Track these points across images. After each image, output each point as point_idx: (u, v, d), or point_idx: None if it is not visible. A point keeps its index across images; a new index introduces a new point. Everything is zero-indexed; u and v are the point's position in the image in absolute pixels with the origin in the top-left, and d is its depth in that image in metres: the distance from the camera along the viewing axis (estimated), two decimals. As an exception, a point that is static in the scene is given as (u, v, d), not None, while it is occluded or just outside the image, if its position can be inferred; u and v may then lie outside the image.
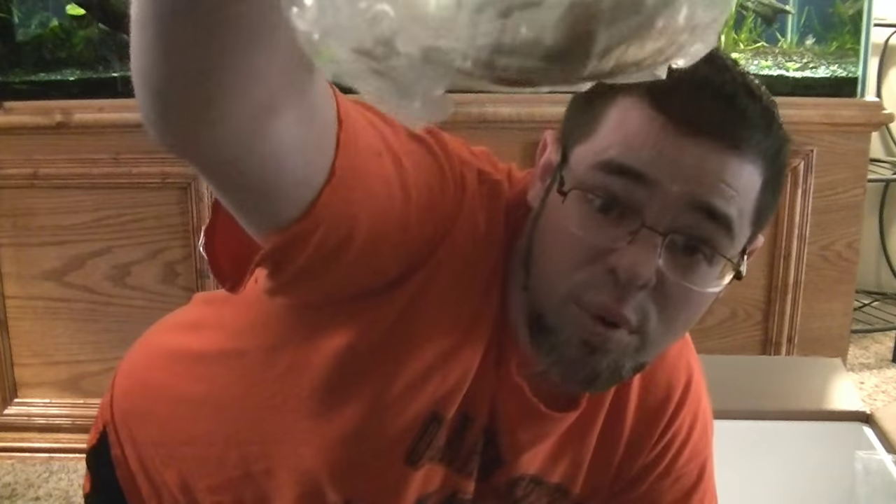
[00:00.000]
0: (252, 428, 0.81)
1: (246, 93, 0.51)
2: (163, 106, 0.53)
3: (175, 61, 0.52)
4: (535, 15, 0.33)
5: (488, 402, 0.77)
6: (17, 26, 2.15)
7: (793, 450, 1.12)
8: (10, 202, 2.09)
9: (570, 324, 0.67)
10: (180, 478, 0.87)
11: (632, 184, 0.64)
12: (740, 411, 1.15)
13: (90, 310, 2.12)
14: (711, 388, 0.89)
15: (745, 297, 2.11)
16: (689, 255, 0.66)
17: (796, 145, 2.01)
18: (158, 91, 0.53)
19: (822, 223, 2.06)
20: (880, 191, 3.16)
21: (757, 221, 0.70)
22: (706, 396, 0.87)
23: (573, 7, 0.33)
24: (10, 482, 2.11)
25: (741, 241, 0.68)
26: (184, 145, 0.55)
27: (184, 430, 0.87)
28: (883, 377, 2.68)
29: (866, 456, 1.00)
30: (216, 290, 0.82)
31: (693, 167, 0.64)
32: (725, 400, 1.17)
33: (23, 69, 2.12)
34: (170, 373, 0.90)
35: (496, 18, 0.33)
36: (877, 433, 1.10)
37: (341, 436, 0.75)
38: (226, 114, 0.52)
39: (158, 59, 0.52)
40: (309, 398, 0.75)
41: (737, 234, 0.67)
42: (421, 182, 0.66)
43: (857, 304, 2.85)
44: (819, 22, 2.15)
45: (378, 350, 0.72)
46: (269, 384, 0.78)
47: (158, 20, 0.50)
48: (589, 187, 0.66)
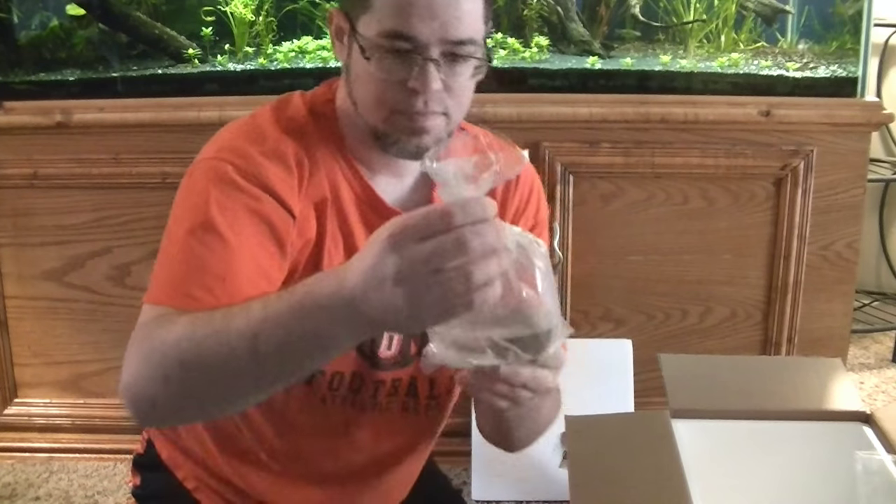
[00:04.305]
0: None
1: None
2: (158, 419, 0.99)
3: (204, 402, 0.89)
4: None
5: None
6: (17, 26, 2.15)
7: (792, 450, 1.12)
8: (10, 202, 2.09)
9: (399, 126, 1.01)
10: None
11: (407, 40, 0.97)
12: (740, 411, 1.15)
13: (90, 310, 2.12)
14: (712, 388, 0.89)
15: (745, 297, 2.11)
16: (456, 63, 1.00)
17: (796, 145, 2.01)
18: (165, 418, 0.97)
19: (822, 223, 2.06)
20: (880, 191, 3.16)
21: (487, 16, 1.02)
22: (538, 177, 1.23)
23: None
24: (10, 482, 2.11)
25: (482, 37, 1.01)
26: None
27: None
28: (883, 377, 2.68)
29: (866, 456, 1.00)
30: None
31: (438, 14, 0.96)
32: (725, 400, 1.17)
33: (23, 69, 2.12)
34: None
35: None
36: (877, 433, 1.10)
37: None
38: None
39: (185, 399, 0.88)
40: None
41: (478, 39, 1.00)
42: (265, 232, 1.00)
43: (857, 304, 2.85)
44: (819, 22, 2.15)
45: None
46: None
47: (220, 372, 0.84)
48: (382, 48, 0.98)
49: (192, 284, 0.92)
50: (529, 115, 2.00)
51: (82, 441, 2.21)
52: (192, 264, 0.94)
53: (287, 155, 1.02)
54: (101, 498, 2.05)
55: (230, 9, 2.11)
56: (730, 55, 2.14)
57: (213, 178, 0.98)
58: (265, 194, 0.99)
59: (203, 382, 0.85)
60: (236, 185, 0.98)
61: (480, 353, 0.79)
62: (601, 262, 2.09)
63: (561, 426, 1.08)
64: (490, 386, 0.87)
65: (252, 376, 0.83)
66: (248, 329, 0.81)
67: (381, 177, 1.09)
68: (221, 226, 0.95)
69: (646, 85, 2.07)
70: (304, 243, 1.03)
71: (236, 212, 0.97)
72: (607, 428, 1.07)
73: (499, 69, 2.11)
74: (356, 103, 1.04)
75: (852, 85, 2.04)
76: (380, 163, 1.08)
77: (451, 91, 1.00)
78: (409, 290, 0.72)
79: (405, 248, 0.72)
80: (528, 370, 0.85)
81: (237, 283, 0.93)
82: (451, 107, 1.02)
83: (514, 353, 0.80)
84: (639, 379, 2.04)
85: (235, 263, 0.94)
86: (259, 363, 0.82)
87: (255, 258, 0.96)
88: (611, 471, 0.99)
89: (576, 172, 2.03)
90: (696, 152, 2.02)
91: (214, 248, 0.94)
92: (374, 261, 0.74)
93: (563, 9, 2.16)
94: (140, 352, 0.87)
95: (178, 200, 1.01)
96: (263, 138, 1.03)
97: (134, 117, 1.99)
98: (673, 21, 2.18)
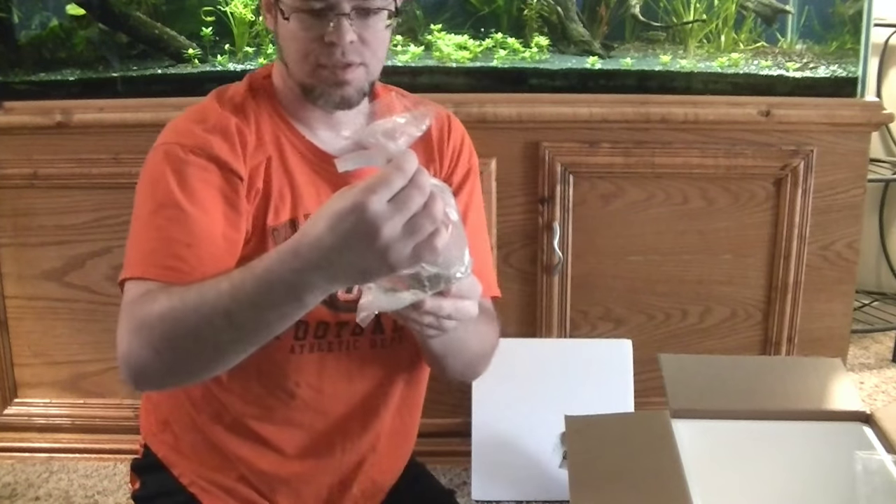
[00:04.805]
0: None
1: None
2: (154, 384, 1.13)
3: (203, 362, 1.01)
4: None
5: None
6: (17, 26, 2.15)
7: (792, 450, 1.12)
8: (10, 202, 2.09)
9: (323, 79, 1.13)
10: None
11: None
12: (740, 411, 1.15)
13: (90, 310, 2.12)
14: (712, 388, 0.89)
15: (745, 297, 2.11)
16: (368, 16, 1.11)
17: (796, 145, 2.01)
18: (159, 375, 1.04)
19: (822, 223, 2.06)
20: (880, 191, 3.16)
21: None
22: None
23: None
24: (10, 482, 2.11)
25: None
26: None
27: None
28: (883, 377, 2.68)
29: (866, 456, 1.00)
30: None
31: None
32: (725, 400, 1.17)
33: (23, 69, 2.12)
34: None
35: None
36: (877, 433, 1.10)
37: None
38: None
39: (191, 357, 1.01)
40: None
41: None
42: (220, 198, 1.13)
43: (857, 304, 2.85)
44: (819, 22, 2.15)
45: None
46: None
47: (220, 332, 0.96)
48: (299, 9, 1.11)
49: (163, 256, 1.05)
50: (529, 115, 2.00)
51: (82, 441, 2.21)
52: (159, 239, 1.07)
53: (229, 127, 1.15)
54: (101, 498, 2.05)
55: (230, 9, 2.11)
56: (730, 55, 2.14)
57: (165, 159, 1.11)
58: (212, 164, 1.11)
59: (188, 352, 0.99)
60: (186, 161, 1.11)
61: (404, 294, 0.94)
62: (601, 262, 2.09)
63: (561, 426, 1.08)
64: (419, 319, 0.98)
65: (231, 342, 0.97)
66: (221, 306, 0.94)
67: (321, 132, 1.21)
68: (180, 199, 1.08)
69: (646, 85, 2.07)
70: (254, 196, 1.15)
71: (191, 185, 1.09)
72: (607, 428, 1.07)
73: (499, 69, 2.11)
74: (287, 64, 1.17)
75: (852, 85, 2.04)
76: (318, 120, 1.20)
77: (365, 42, 1.12)
78: (382, 245, 0.83)
79: (373, 209, 0.83)
80: (450, 302, 0.97)
81: (202, 246, 1.07)
82: (368, 57, 1.13)
83: (433, 286, 0.94)
84: (639, 379, 2.04)
85: (196, 229, 1.07)
86: (236, 331, 0.95)
87: (213, 221, 1.09)
88: (611, 471, 0.99)
89: (576, 172, 2.03)
90: (696, 152, 2.02)
91: (176, 220, 1.07)
92: (342, 225, 0.84)
93: (563, 9, 2.16)
94: (129, 328, 1.02)
95: (139, 186, 1.13)
96: (206, 118, 1.16)
97: (134, 117, 1.99)
98: (673, 21, 2.18)
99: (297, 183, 1.18)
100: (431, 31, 2.15)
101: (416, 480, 1.36)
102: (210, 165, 1.11)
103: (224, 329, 0.95)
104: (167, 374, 1.02)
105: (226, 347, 0.98)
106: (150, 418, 1.30)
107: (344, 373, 1.21)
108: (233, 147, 1.13)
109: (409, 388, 1.29)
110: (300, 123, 1.20)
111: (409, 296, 0.94)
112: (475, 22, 2.16)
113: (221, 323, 0.94)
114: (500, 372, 2.05)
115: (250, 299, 0.92)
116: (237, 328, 0.95)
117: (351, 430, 1.24)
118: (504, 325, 2.17)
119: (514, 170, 2.03)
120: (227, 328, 0.95)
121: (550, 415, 1.84)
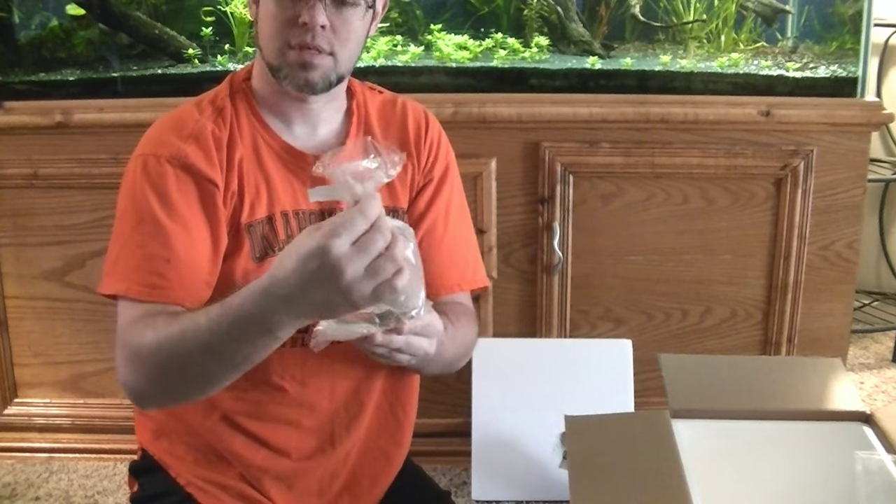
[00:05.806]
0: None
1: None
2: (154, 405, 1.18)
3: (195, 386, 1.08)
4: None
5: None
6: (17, 26, 2.15)
7: (792, 450, 1.12)
8: (10, 202, 2.09)
9: (289, 60, 1.15)
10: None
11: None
12: (740, 411, 1.15)
13: (90, 310, 2.12)
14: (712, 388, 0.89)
15: (745, 297, 2.11)
16: (344, 7, 1.15)
17: (796, 145, 2.01)
18: (157, 396, 1.12)
19: (822, 223, 2.06)
20: (880, 191, 3.16)
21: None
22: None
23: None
24: (10, 482, 2.11)
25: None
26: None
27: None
28: (883, 377, 2.68)
29: (866, 456, 1.00)
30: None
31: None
32: (725, 400, 1.17)
33: (23, 69, 2.12)
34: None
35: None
36: (877, 433, 1.10)
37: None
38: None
39: (186, 383, 1.07)
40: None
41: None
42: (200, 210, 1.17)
43: (857, 304, 2.85)
44: (819, 22, 2.15)
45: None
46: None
47: (209, 359, 1.02)
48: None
49: (145, 273, 1.11)
50: (529, 115, 2.00)
51: (82, 441, 2.21)
52: (141, 255, 1.12)
53: (204, 133, 1.18)
54: (101, 498, 2.05)
55: (230, 9, 2.11)
56: (730, 55, 2.14)
57: (143, 171, 1.15)
58: (188, 175, 1.15)
59: (180, 379, 1.06)
60: (163, 173, 1.14)
61: (358, 326, 1.01)
62: (601, 262, 2.09)
63: (561, 426, 1.08)
64: (370, 349, 1.06)
65: (216, 370, 1.04)
66: (202, 340, 1.01)
67: (297, 126, 1.24)
68: (158, 215, 1.13)
69: (646, 85, 2.07)
70: (230, 198, 1.18)
71: (169, 199, 1.14)
72: (607, 428, 1.07)
73: (499, 69, 2.11)
74: (261, 48, 1.20)
75: (852, 85, 2.04)
76: (295, 113, 1.23)
77: (337, 32, 1.15)
78: (345, 285, 0.90)
79: (337, 252, 0.88)
80: (401, 338, 1.05)
81: (181, 260, 1.12)
82: (338, 48, 1.16)
83: (384, 322, 1.01)
84: (639, 379, 2.04)
85: (175, 243, 1.12)
86: (218, 361, 1.03)
87: (191, 234, 1.14)
88: (611, 471, 0.99)
89: (576, 172, 2.03)
90: (696, 152, 2.02)
91: (155, 235, 1.12)
92: (308, 265, 0.90)
93: (563, 9, 2.16)
94: (124, 357, 1.08)
95: (120, 194, 1.18)
96: (183, 125, 1.19)
97: (134, 117, 1.99)
98: (673, 21, 2.18)
99: (273, 180, 1.20)
100: (431, 31, 2.15)
101: (412, 482, 1.36)
102: (186, 177, 1.15)
103: (206, 360, 1.03)
104: (164, 398, 1.11)
105: (212, 375, 1.05)
106: (144, 427, 1.31)
107: (327, 367, 1.23)
108: (208, 154, 1.17)
109: (394, 381, 1.30)
110: (277, 119, 1.23)
111: (362, 328, 1.02)
112: (475, 22, 2.16)
113: (203, 355, 1.02)
114: (500, 372, 2.05)
115: (227, 333, 0.99)
116: (218, 359, 1.02)
117: (338, 423, 1.26)
118: (504, 325, 2.19)
119: (514, 170, 2.03)
120: (210, 359, 1.02)
121: (550, 415, 1.84)
